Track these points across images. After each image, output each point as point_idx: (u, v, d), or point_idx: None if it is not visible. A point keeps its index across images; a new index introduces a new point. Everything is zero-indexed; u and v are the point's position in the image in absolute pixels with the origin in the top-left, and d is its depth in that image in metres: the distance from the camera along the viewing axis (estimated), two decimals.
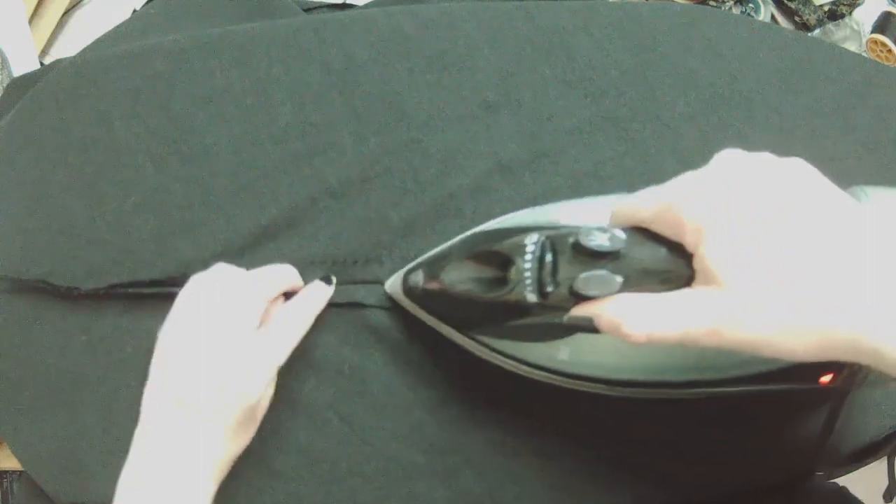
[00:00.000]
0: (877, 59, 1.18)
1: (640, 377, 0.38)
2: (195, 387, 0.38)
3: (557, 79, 0.49)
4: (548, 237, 0.33)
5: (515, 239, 0.34)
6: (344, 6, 0.75)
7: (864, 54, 1.18)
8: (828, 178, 0.29)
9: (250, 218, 0.48)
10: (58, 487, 0.47)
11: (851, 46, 1.19)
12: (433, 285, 0.38)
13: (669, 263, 0.30)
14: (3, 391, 0.50)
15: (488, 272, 0.35)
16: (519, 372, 0.40)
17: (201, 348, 0.38)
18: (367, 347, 0.46)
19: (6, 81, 0.88)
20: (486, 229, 0.42)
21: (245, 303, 0.40)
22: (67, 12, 1.04)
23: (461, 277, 0.37)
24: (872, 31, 1.19)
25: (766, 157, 0.31)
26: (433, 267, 0.39)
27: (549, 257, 0.32)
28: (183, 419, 0.38)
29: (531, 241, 0.33)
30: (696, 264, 0.30)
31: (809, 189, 0.29)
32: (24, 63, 0.94)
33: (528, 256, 0.33)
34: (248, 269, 0.46)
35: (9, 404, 0.49)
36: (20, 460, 0.49)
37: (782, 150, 0.50)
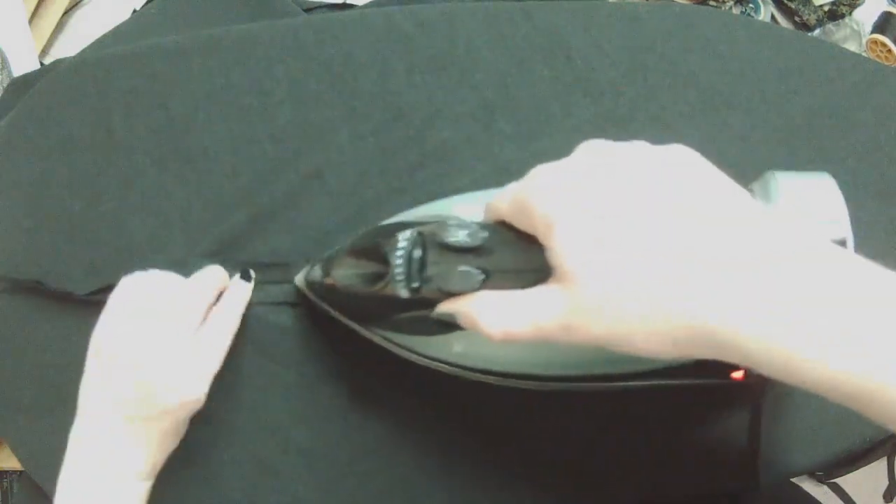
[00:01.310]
0: (877, 59, 1.17)
1: (538, 371, 0.38)
2: (140, 397, 0.38)
3: (556, 79, 0.49)
4: (418, 233, 0.33)
5: (392, 235, 0.34)
6: (344, 6, 0.75)
7: (864, 54, 1.18)
8: (744, 176, 0.28)
9: (248, 217, 0.48)
10: None
11: (851, 46, 1.19)
12: (326, 280, 0.39)
13: (530, 259, 0.29)
14: (3, 391, 0.50)
15: (372, 267, 0.35)
16: (430, 366, 0.40)
17: (145, 356, 0.38)
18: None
19: (6, 81, 0.88)
20: (383, 224, 0.41)
21: (186, 308, 0.41)
22: (67, 12, 1.04)
23: (346, 272, 0.37)
24: (872, 31, 1.19)
25: (638, 144, 0.29)
26: (328, 262, 0.39)
27: (416, 253, 0.32)
28: (125, 423, 0.38)
29: (403, 238, 0.33)
30: (549, 258, 0.28)
31: (679, 175, 0.27)
32: (24, 63, 0.94)
33: (401, 252, 0.33)
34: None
35: (9, 404, 0.49)
36: (20, 460, 0.49)
37: (782, 149, 0.50)
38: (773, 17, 1.23)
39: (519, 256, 0.30)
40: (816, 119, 0.49)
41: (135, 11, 1.01)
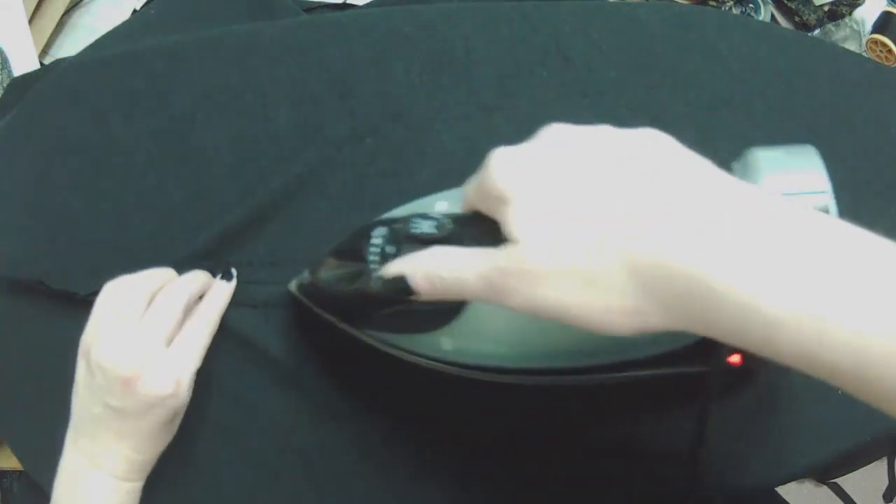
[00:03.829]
0: (877, 59, 1.17)
1: (528, 365, 0.38)
2: (123, 393, 0.39)
3: (555, 80, 0.49)
4: (391, 229, 0.34)
5: (367, 232, 0.35)
6: (343, 6, 0.75)
7: (864, 54, 1.18)
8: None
9: (247, 217, 0.48)
10: None
11: (851, 46, 1.19)
12: (313, 282, 0.39)
13: (495, 244, 0.29)
14: (3, 391, 0.50)
15: (352, 267, 0.36)
16: (422, 364, 0.40)
17: (127, 355, 0.39)
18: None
19: (6, 81, 0.88)
20: (363, 224, 0.42)
21: (165, 309, 0.41)
22: (67, 12, 1.04)
23: (329, 273, 0.37)
24: (872, 31, 1.19)
25: (603, 127, 0.28)
26: (315, 265, 0.39)
27: (389, 248, 0.33)
28: (112, 423, 0.40)
29: (377, 235, 0.34)
30: (503, 234, 0.27)
31: (640, 149, 0.26)
32: (24, 63, 0.94)
33: (374, 249, 0.34)
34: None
35: (9, 404, 0.50)
36: (20, 460, 0.49)
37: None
38: (773, 17, 1.23)
39: (484, 243, 0.30)
40: (816, 119, 0.49)
41: (135, 11, 1.01)
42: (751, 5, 1.20)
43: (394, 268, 0.31)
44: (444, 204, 0.38)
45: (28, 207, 0.50)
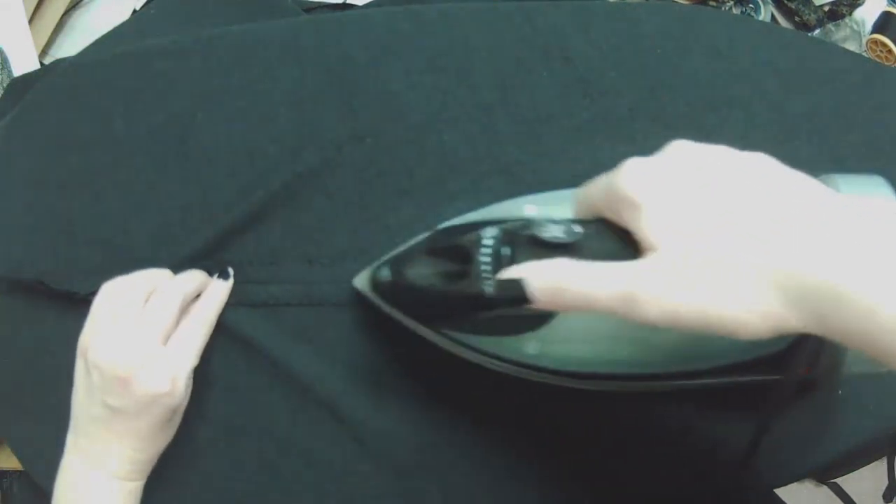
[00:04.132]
0: (877, 59, 1.17)
1: (607, 370, 0.38)
2: (120, 392, 0.39)
3: (556, 80, 0.49)
4: (505, 231, 0.33)
5: (473, 233, 0.34)
6: (344, 6, 0.75)
7: (864, 54, 1.18)
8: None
9: (246, 217, 0.48)
10: None
11: (851, 46, 1.19)
12: (398, 281, 0.38)
13: (622, 255, 0.29)
14: (3, 391, 0.50)
15: (450, 267, 0.35)
16: (492, 367, 0.40)
17: (124, 354, 0.40)
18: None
19: (6, 81, 0.88)
20: (453, 224, 0.41)
21: (161, 309, 0.42)
22: (67, 12, 1.04)
23: (424, 272, 0.37)
24: (872, 31, 1.19)
25: (722, 146, 0.30)
26: (399, 262, 0.39)
27: (505, 250, 0.32)
28: (111, 422, 0.40)
29: (488, 235, 0.33)
30: (636, 237, 0.28)
31: (764, 169, 0.28)
32: (24, 63, 0.94)
33: (487, 250, 0.33)
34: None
35: (9, 404, 0.49)
36: (20, 460, 0.49)
37: (782, 149, 0.50)
38: (773, 17, 1.23)
39: (609, 252, 0.30)
40: (816, 119, 0.49)
41: (135, 11, 1.01)
42: (751, 5, 1.20)
43: (515, 272, 0.30)
44: (530, 209, 0.38)
45: (28, 207, 0.50)
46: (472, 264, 0.33)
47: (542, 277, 0.29)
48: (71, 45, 1.04)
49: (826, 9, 1.21)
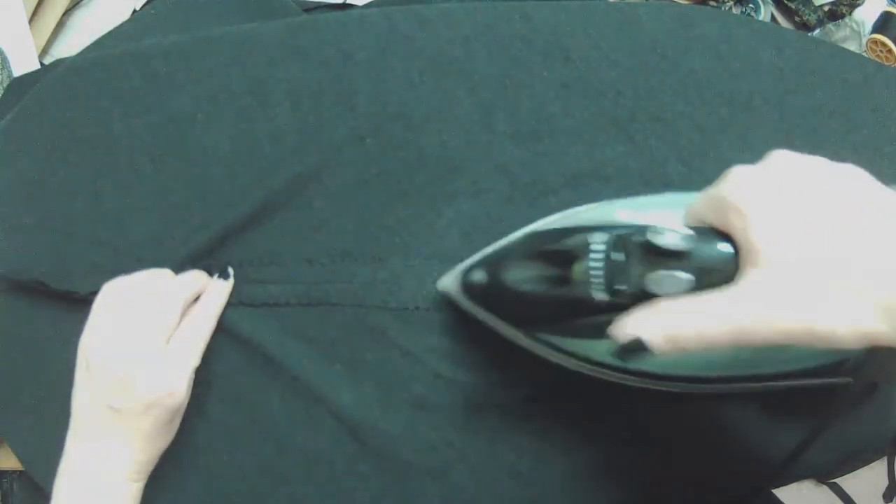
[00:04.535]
0: (877, 59, 1.17)
1: (696, 373, 0.38)
2: (121, 392, 0.39)
3: (555, 80, 0.49)
4: (617, 236, 0.33)
5: (579, 237, 0.34)
6: (344, 6, 0.75)
7: (864, 54, 1.18)
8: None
9: (246, 217, 0.48)
10: None
11: (851, 46, 1.19)
12: (496, 284, 0.38)
13: (734, 263, 0.30)
14: (3, 391, 0.50)
15: (551, 270, 0.35)
16: (581, 370, 0.40)
17: (125, 354, 0.40)
18: (362, 347, 0.46)
19: (6, 81, 0.87)
20: (547, 228, 0.41)
21: (162, 309, 0.42)
22: (67, 12, 1.04)
23: (525, 275, 0.37)
24: (872, 31, 1.19)
25: (820, 158, 0.30)
26: (495, 265, 0.39)
27: (616, 256, 0.32)
28: (112, 423, 0.40)
29: (598, 240, 0.33)
30: (742, 248, 0.29)
31: (861, 183, 0.29)
32: (24, 63, 0.94)
33: (597, 255, 0.33)
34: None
35: (9, 404, 0.50)
36: (20, 460, 0.49)
37: (782, 149, 0.50)
38: (773, 17, 1.23)
39: (721, 259, 0.30)
40: (816, 119, 0.49)
41: (135, 11, 1.00)
42: (751, 5, 1.20)
43: (630, 328, 0.30)
44: (624, 213, 0.38)
45: (28, 207, 0.50)
46: (577, 269, 0.33)
47: (654, 331, 0.30)
48: (71, 45, 1.04)
49: (826, 9, 1.20)
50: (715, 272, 0.30)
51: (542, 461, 0.46)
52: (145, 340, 0.40)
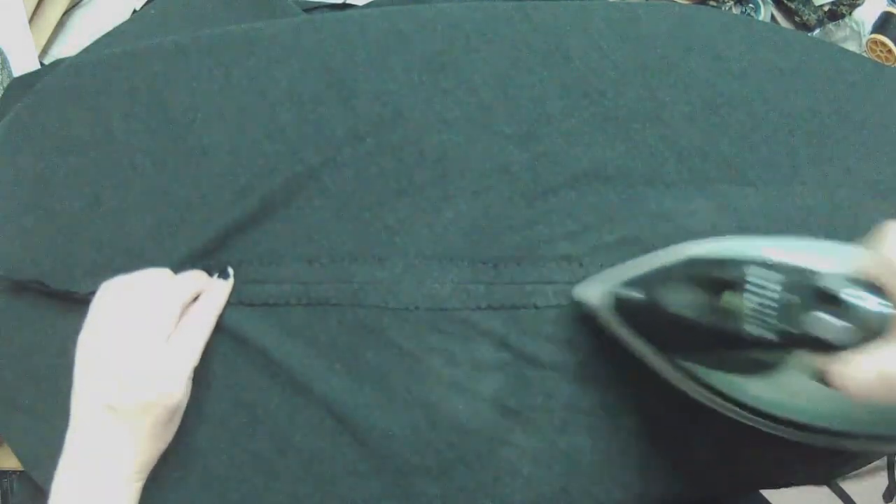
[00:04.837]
0: (877, 59, 1.17)
1: (836, 426, 0.37)
2: (121, 392, 0.39)
3: (555, 80, 0.49)
4: (786, 276, 0.33)
5: (737, 269, 0.34)
6: (344, 6, 0.75)
7: (864, 54, 1.18)
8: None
9: (246, 216, 0.48)
10: None
11: (851, 46, 1.19)
12: (651, 303, 0.38)
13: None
14: (3, 391, 0.50)
15: (705, 298, 0.35)
16: (712, 405, 0.39)
17: (124, 354, 0.40)
18: (373, 349, 0.46)
19: (6, 81, 0.87)
20: (707, 256, 0.40)
21: (161, 309, 0.42)
22: (67, 12, 1.04)
23: (681, 300, 0.37)
24: (872, 31, 1.19)
25: None
26: (651, 285, 0.39)
27: (792, 298, 0.32)
28: (111, 423, 0.40)
29: (760, 276, 0.33)
30: None
31: None
32: (24, 63, 0.94)
33: (763, 291, 0.33)
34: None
35: (9, 404, 0.49)
36: (20, 460, 0.49)
37: (782, 149, 0.50)
38: (773, 17, 1.23)
39: (885, 319, 0.30)
40: (816, 119, 0.49)
41: (135, 11, 1.00)
42: (751, 5, 1.20)
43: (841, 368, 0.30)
44: (770, 251, 0.37)
45: (28, 207, 0.50)
46: (732, 300, 0.33)
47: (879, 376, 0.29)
48: (71, 45, 1.04)
49: (826, 9, 1.20)
50: (877, 328, 0.30)
51: (543, 463, 0.46)
52: (144, 340, 0.40)
